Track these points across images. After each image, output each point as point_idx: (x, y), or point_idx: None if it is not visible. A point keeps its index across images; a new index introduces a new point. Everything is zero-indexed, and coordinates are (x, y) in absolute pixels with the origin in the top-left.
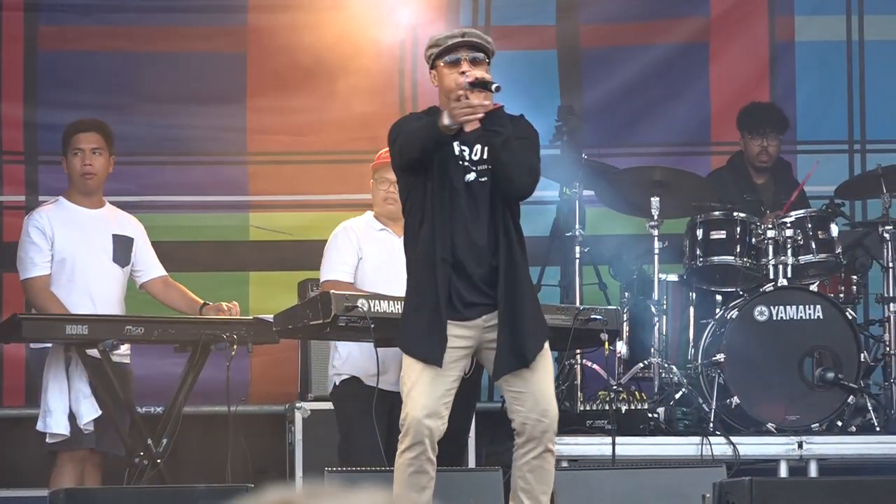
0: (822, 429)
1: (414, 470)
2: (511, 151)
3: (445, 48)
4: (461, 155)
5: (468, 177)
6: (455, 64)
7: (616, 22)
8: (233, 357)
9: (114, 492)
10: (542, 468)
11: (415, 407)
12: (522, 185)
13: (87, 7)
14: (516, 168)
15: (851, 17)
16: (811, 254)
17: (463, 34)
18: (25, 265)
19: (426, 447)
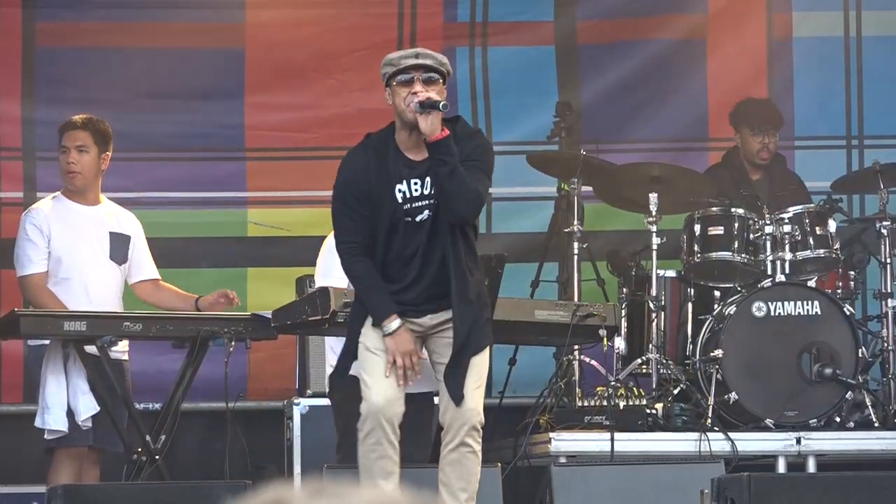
0: (821, 424)
1: (377, 456)
2: (456, 181)
3: (399, 69)
4: (411, 196)
5: (419, 217)
6: (407, 84)
7: (614, 18)
8: (231, 353)
9: (112, 488)
10: (460, 463)
11: (372, 393)
12: (464, 215)
13: (84, 3)
14: (459, 198)
15: (849, 12)
16: (809, 249)
17: (417, 55)
18: (22, 262)
19: (387, 431)
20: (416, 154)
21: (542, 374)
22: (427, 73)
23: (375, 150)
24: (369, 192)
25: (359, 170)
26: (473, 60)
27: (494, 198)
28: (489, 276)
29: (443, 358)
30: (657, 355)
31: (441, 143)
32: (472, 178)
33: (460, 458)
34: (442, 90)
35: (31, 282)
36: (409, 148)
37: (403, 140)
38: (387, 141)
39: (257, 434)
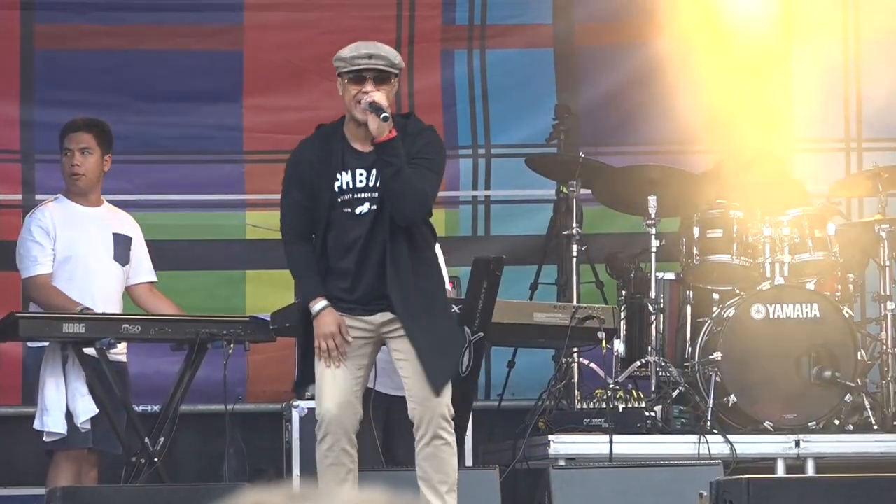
0: (820, 427)
1: (330, 462)
2: (402, 180)
3: (351, 69)
4: (354, 187)
5: (359, 209)
6: (359, 82)
7: (612, 20)
8: (230, 355)
9: (111, 490)
10: (436, 456)
11: (325, 399)
12: (410, 215)
13: (83, 5)
14: (404, 198)
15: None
16: (808, 252)
17: (370, 56)
18: (27, 263)
19: (339, 438)
20: (364, 146)
21: (541, 377)
22: (377, 74)
23: (323, 140)
24: (311, 179)
25: (303, 158)
26: (472, 63)
27: (493, 200)
28: (488, 280)
29: (403, 355)
30: (656, 358)
31: (387, 144)
32: (419, 178)
33: (435, 451)
34: (394, 86)
35: (37, 282)
36: (356, 139)
37: (352, 131)
38: (336, 131)
39: (256, 436)
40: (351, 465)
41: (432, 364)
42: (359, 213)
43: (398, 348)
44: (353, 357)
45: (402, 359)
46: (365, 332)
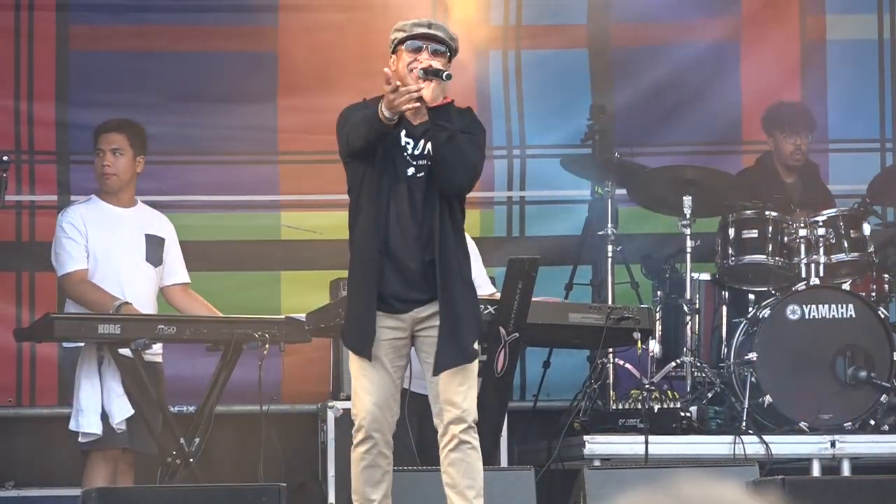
0: (855, 427)
1: (366, 465)
2: (454, 148)
3: (410, 35)
4: (405, 148)
5: (408, 171)
6: (416, 51)
7: (647, 21)
8: (265, 356)
9: (146, 491)
10: (463, 461)
11: (364, 402)
12: (461, 183)
13: (118, 7)
14: (457, 165)
15: (883, 15)
16: (843, 252)
17: (429, 24)
18: (62, 260)
19: (377, 441)
20: (413, 118)
21: (576, 377)
22: (435, 45)
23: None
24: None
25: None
26: (507, 64)
27: (528, 201)
28: (523, 281)
29: (430, 357)
30: (691, 358)
31: (442, 108)
32: (469, 149)
33: (462, 456)
34: (447, 65)
35: (74, 279)
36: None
37: None
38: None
39: (291, 437)
40: (387, 468)
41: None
42: (408, 174)
43: (427, 349)
44: (390, 357)
45: (430, 361)
46: (400, 332)
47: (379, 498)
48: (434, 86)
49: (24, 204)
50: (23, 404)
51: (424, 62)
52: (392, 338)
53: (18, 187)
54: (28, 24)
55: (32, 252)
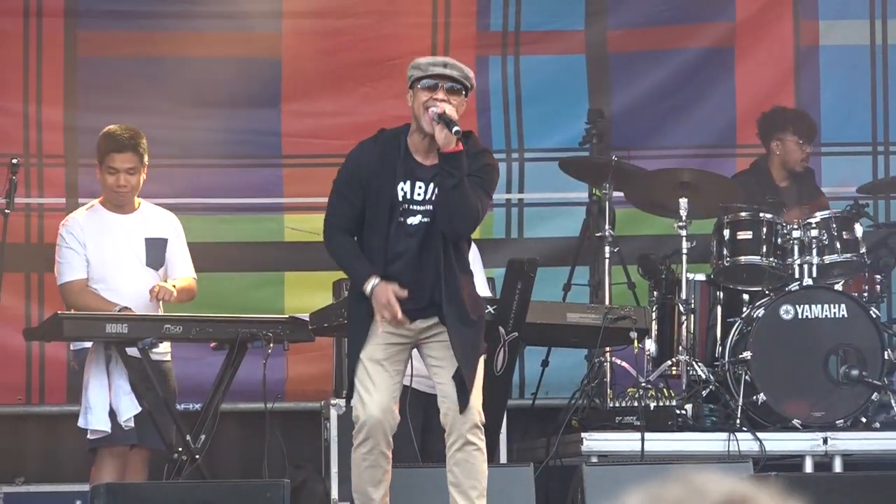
0: (847, 425)
1: (368, 465)
2: (459, 195)
3: (426, 75)
4: (411, 198)
5: (411, 220)
6: (431, 89)
7: (643, 27)
8: (269, 355)
9: (153, 487)
10: (467, 461)
11: (367, 405)
12: (461, 230)
13: (124, 13)
14: (459, 213)
15: (875, 21)
16: (836, 254)
17: (445, 64)
18: (62, 270)
19: (379, 442)
20: (425, 158)
21: (574, 376)
22: (451, 83)
23: (385, 146)
24: (369, 184)
25: (363, 162)
26: (506, 69)
27: (527, 203)
28: (522, 281)
29: (438, 361)
30: (687, 357)
31: (453, 155)
32: (474, 195)
33: (467, 456)
34: (463, 102)
35: (73, 288)
36: (418, 151)
37: (416, 142)
38: (398, 139)
39: (295, 434)
40: (387, 467)
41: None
42: (409, 224)
43: (434, 355)
44: (393, 362)
45: (438, 365)
46: (404, 339)
47: (379, 497)
48: (446, 132)
49: (32, 206)
50: (32, 402)
51: (439, 106)
52: (395, 342)
53: (27, 190)
54: (37, 31)
55: (41, 253)
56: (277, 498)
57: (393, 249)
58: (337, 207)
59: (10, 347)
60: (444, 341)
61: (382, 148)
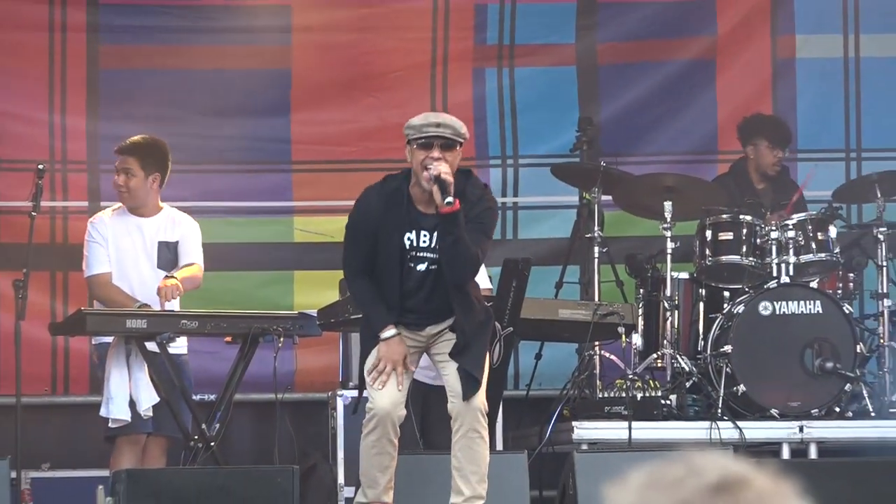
0: (822, 414)
1: (377, 452)
2: (458, 250)
3: (421, 135)
4: (417, 246)
5: (420, 266)
6: (427, 147)
7: (631, 40)
8: (279, 349)
9: (171, 472)
10: (470, 448)
11: (380, 399)
12: (461, 278)
13: (143, 28)
14: (459, 266)
15: (848, 35)
16: (811, 253)
17: (438, 124)
18: (90, 263)
19: (387, 431)
20: (427, 208)
21: (566, 368)
22: (444, 141)
23: (389, 196)
24: (377, 232)
25: (370, 212)
26: (501, 80)
27: (521, 206)
28: (516, 279)
29: (444, 357)
30: (671, 350)
31: (451, 216)
32: (473, 242)
33: (470, 443)
34: (458, 154)
35: (99, 280)
36: (420, 202)
37: (417, 194)
38: (401, 188)
39: (304, 423)
40: (393, 454)
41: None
42: (419, 270)
43: (441, 351)
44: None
45: (445, 361)
46: (418, 343)
47: (385, 481)
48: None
49: (57, 209)
50: (57, 393)
51: (435, 167)
52: (411, 346)
53: (52, 194)
54: (61, 45)
55: (65, 253)
56: (287, 483)
57: (406, 287)
58: (352, 251)
59: (36, 341)
60: (450, 339)
61: (387, 199)
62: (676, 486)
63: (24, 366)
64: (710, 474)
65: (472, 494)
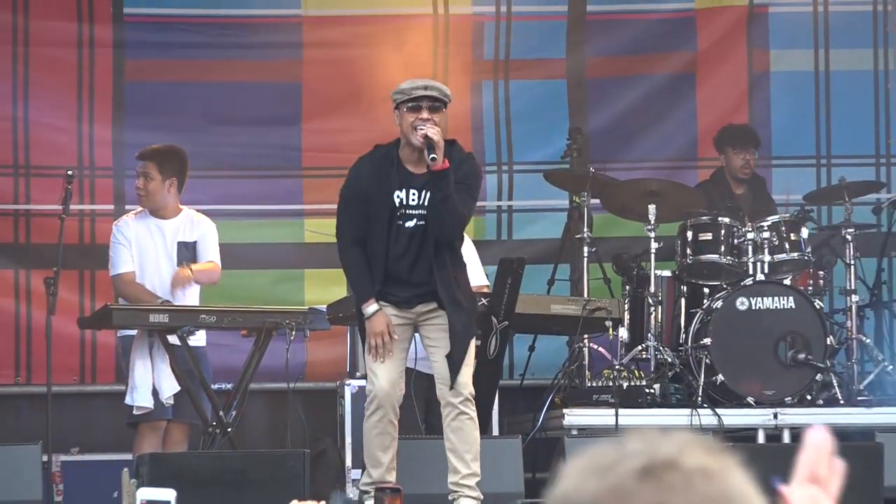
0: (794, 402)
1: (378, 432)
2: (447, 206)
3: (410, 98)
4: (406, 204)
5: (408, 224)
6: (416, 109)
7: (617, 55)
8: (292, 341)
9: (191, 456)
10: (462, 429)
11: (380, 380)
12: (450, 234)
13: (166, 44)
14: (447, 221)
15: (819, 50)
16: (785, 253)
17: (426, 87)
18: (114, 263)
19: (388, 412)
20: (416, 168)
21: (557, 359)
22: (432, 102)
23: (380, 160)
24: (368, 195)
25: (362, 176)
26: (497, 92)
27: (515, 209)
28: (511, 277)
29: (434, 342)
30: (655, 343)
31: (441, 173)
32: (460, 202)
33: (461, 425)
34: (444, 114)
35: (123, 279)
36: (409, 162)
37: (406, 155)
38: (390, 153)
39: (314, 410)
40: (394, 434)
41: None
42: (407, 227)
43: (431, 336)
44: (399, 341)
45: (434, 346)
46: (406, 320)
47: (387, 460)
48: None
49: (85, 212)
50: (85, 382)
51: (426, 129)
52: (399, 324)
53: (80, 198)
54: (89, 60)
55: (93, 253)
56: (298, 465)
57: (393, 251)
58: (345, 218)
59: (66, 335)
60: (439, 325)
61: (378, 162)
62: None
63: (54, 357)
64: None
65: (468, 472)
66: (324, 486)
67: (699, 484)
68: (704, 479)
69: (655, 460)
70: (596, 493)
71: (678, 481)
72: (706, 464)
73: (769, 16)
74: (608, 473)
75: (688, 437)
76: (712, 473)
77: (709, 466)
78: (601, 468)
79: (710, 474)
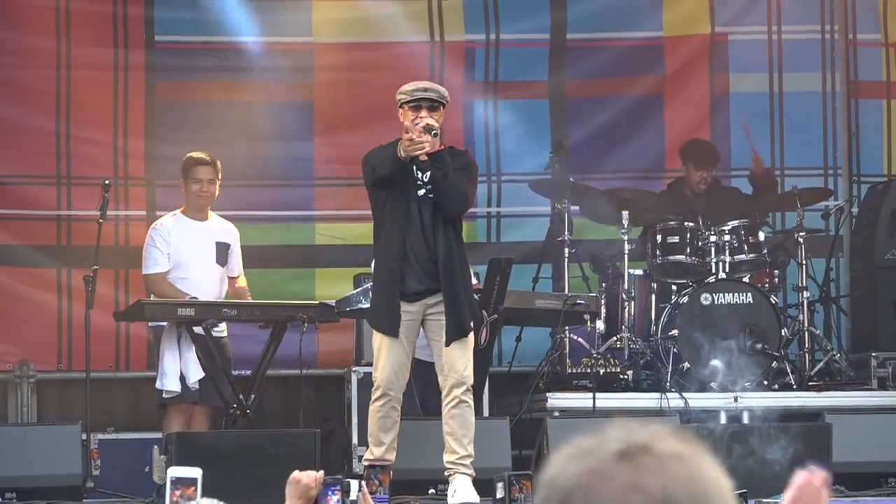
0: (753, 387)
1: (382, 415)
2: (448, 183)
3: (411, 98)
4: (417, 176)
5: (420, 192)
6: (416, 109)
7: (594, 78)
8: (304, 332)
9: (214, 435)
10: (460, 415)
11: (385, 366)
12: (454, 209)
13: (192, 68)
14: (450, 196)
15: (773, 74)
16: (743, 253)
17: (425, 89)
18: (148, 263)
19: (391, 398)
20: (420, 156)
21: (541, 348)
22: (431, 102)
23: (394, 145)
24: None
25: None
26: (487, 111)
27: (503, 215)
28: (500, 275)
29: (437, 336)
30: (628, 334)
31: (438, 154)
32: (461, 183)
33: (461, 412)
34: (441, 114)
35: (155, 278)
36: None
37: None
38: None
39: (324, 394)
40: (396, 418)
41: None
42: (419, 195)
43: (434, 330)
44: (406, 334)
45: (436, 339)
46: (413, 315)
47: (389, 441)
48: (427, 137)
49: (120, 218)
50: (120, 369)
51: (423, 120)
52: (408, 319)
53: (116, 205)
54: (124, 82)
55: (127, 254)
56: (310, 443)
57: (409, 226)
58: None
59: (102, 326)
60: (441, 321)
61: (393, 146)
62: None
63: (92, 346)
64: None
65: (465, 454)
66: (333, 461)
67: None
68: (676, 462)
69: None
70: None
71: (652, 464)
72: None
73: (729, 43)
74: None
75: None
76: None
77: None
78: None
79: (681, 458)
